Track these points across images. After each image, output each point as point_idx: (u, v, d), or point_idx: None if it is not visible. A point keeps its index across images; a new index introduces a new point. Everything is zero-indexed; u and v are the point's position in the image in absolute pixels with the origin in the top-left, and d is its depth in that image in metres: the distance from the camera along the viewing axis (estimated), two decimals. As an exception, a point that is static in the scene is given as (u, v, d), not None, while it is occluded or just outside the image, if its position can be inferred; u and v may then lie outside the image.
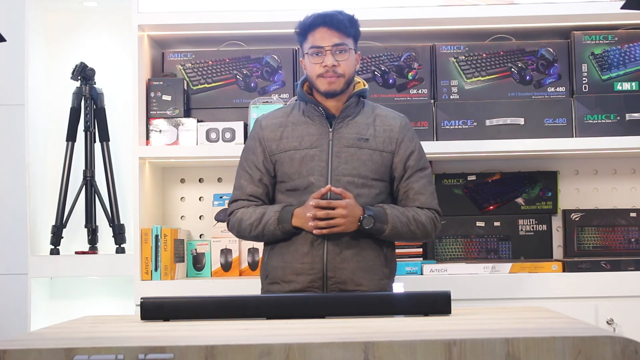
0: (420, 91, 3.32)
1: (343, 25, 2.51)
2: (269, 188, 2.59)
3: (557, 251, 3.46)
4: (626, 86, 3.29)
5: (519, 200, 3.45)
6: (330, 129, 2.54)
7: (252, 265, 3.33)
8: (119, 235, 3.48)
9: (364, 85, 2.62)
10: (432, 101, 3.30)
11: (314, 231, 2.43)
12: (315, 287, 2.50)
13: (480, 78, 3.32)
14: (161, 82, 3.32)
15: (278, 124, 2.59)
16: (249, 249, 3.33)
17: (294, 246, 2.51)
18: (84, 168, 3.52)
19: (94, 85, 3.52)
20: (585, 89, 3.28)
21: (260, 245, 3.30)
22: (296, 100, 2.65)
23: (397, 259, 3.34)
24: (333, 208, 2.42)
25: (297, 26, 2.58)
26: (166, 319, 1.99)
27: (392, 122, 2.59)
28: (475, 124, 3.25)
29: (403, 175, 2.56)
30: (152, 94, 3.31)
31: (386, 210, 2.49)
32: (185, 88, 3.35)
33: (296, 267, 2.50)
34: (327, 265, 2.48)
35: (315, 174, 2.50)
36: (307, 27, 2.54)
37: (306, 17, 2.56)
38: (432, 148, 3.20)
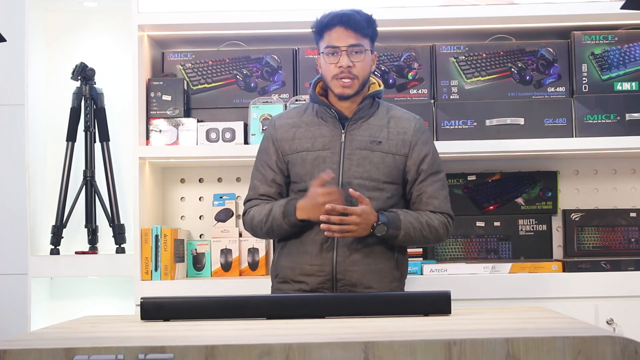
0: (420, 91, 3.32)
1: (360, 25, 2.49)
2: (283, 188, 2.58)
3: (557, 251, 3.46)
4: (626, 86, 3.29)
5: (519, 200, 3.45)
6: (343, 131, 2.52)
7: (252, 265, 3.33)
8: (119, 235, 3.48)
9: (380, 86, 2.60)
10: (432, 101, 3.30)
11: (325, 233, 2.41)
12: (325, 289, 2.49)
13: (480, 78, 3.32)
14: (161, 82, 3.32)
15: (291, 124, 2.58)
16: (249, 249, 3.33)
17: (303, 247, 2.51)
18: (84, 168, 3.51)
19: (94, 85, 3.52)
20: (585, 89, 3.28)
21: (260, 246, 3.32)
22: (309, 101, 2.64)
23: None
24: (347, 214, 2.39)
25: (313, 24, 2.56)
26: (166, 319, 1.99)
27: (406, 125, 2.56)
28: (475, 124, 3.25)
29: (416, 178, 2.54)
30: (152, 94, 3.31)
31: (400, 216, 2.46)
32: (185, 88, 3.35)
33: (305, 268, 2.50)
34: (336, 268, 2.47)
35: None
36: (323, 26, 2.51)
37: (323, 15, 2.53)
38: (432, 148, 3.20)
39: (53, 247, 3.43)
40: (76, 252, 3.47)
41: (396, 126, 2.55)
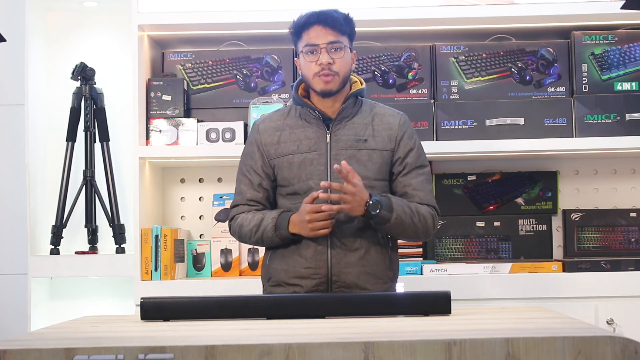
0: (420, 91, 3.32)
1: (338, 23, 2.48)
2: (270, 192, 2.56)
3: (557, 251, 3.46)
4: (626, 86, 3.29)
5: (519, 200, 3.45)
6: (328, 132, 2.51)
7: (252, 265, 3.33)
8: (119, 235, 3.47)
9: (362, 85, 2.58)
10: (432, 101, 3.30)
11: (323, 207, 2.36)
12: (320, 291, 2.47)
13: (480, 78, 3.32)
14: (161, 82, 3.32)
15: (275, 127, 2.56)
16: (249, 249, 3.34)
17: (298, 250, 2.48)
18: (84, 168, 3.52)
19: (94, 85, 3.52)
20: (585, 89, 3.28)
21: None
22: (292, 103, 2.63)
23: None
24: (332, 206, 2.36)
25: (291, 25, 2.55)
26: (166, 319, 1.99)
27: (391, 120, 2.55)
28: (475, 124, 3.25)
29: (401, 171, 2.53)
30: (152, 94, 3.31)
31: (391, 199, 2.43)
32: (185, 88, 3.35)
33: (300, 271, 2.48)
34: (331, 270, 2.46)
35: (315, 178, 2.47)
36: (301, 26, 2.51)
37: (300, 16, 2.53)
38: (432, 148, 3.20)
39: (53, 247, 3.43)
40: (76, 252, 3.47)
41: (381, 123, 2.54)
